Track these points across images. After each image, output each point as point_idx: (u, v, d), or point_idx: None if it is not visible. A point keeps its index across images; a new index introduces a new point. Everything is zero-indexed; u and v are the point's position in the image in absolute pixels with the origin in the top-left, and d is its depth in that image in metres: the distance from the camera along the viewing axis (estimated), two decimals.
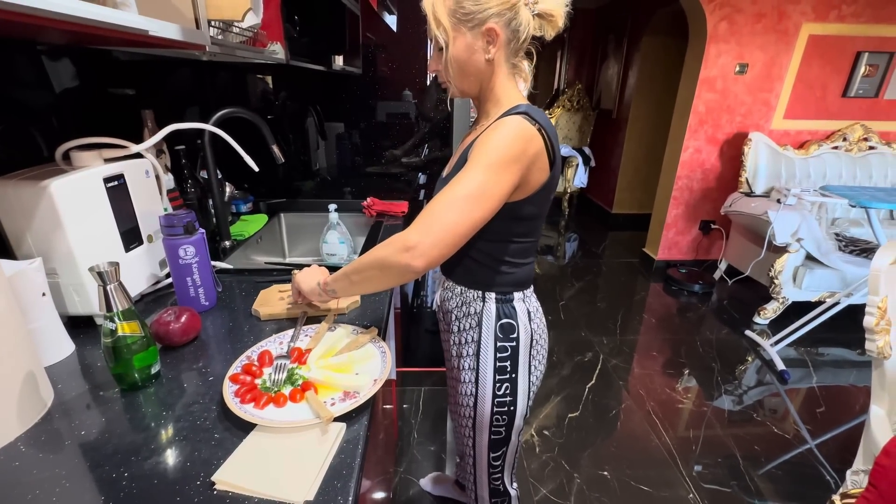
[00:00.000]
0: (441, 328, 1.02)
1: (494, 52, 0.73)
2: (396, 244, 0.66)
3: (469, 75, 0.75)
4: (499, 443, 0.93)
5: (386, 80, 2.63)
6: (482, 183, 0.67)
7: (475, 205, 0.67)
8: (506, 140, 0.68)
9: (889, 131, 2.96)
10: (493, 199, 0.68)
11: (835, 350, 2.38)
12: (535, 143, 0.70)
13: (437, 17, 0.72)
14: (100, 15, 0.56)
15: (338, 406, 0.60)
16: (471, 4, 0.70)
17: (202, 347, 0.76)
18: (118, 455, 0.53)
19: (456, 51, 0.73)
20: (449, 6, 0.71)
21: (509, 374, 0.86)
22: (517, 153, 0.69)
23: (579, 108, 4.75)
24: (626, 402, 1.96)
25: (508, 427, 0.91)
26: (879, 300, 0.99)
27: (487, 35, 0.71)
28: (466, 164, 0.70)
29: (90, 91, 0.99)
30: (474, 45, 0.72)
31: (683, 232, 3.24)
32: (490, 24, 0.70)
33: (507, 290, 0.84)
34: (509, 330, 0.84)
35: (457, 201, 0.66)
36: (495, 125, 0.71)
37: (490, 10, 0.69)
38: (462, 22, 0.71)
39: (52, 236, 0.71)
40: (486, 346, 0.85)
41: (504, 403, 0.88)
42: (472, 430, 0.93)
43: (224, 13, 0.92)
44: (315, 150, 2.22)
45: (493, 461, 0.96)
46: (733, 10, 2.62)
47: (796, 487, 1.56)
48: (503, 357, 0.85)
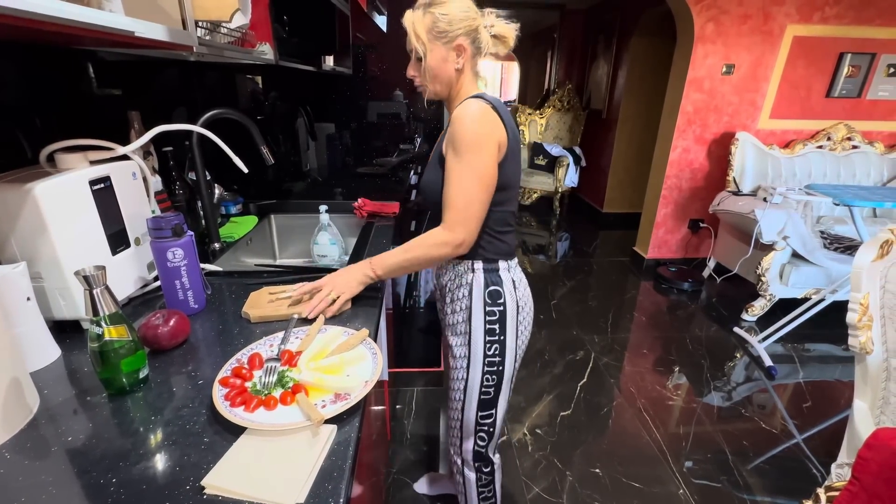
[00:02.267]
0: (438, 305, 1.11)
1: (462, 63, 0.89)
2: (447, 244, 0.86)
3: (441, 81, 0.91)
4: (487, 403, 1.02)
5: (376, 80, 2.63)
6: (475, 168, 0.83)
7: (486, 184, 0.85)
8: (470, 122, 0.83)
9: (871, 130, 3.02)
10: (491, 173, 0.85)
11: (821, 346, 2.42)
12: (489, 115, 0.84)
13: (416, 32, 0.87)
14: (84, 16, 0.55)
15: (329, 408, 0.60)
16: (444, 25, 0.86)
17: (191, 351, 0.75)
18: (106, 460, 0.52)
19: (432, 61, 0.88)
20: (426, 25, 0.86)
21: (498, 336, 0.96)
22: (484, 129, 0.83)
23: (569, 108, 4.78)
24: (618, 400, 1.98)
25: (497, 388, 1.01)
26: (862, 297, 1.01)
27: (457, 49, 0.88)
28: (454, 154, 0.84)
29: (76, 92, 0.98)
30: (447, 56, 0.88)
31: (673, 231, 3.27)
32: (459, 41, 0.87)
33: (492, 259, 0.95)
34: (496, 296, 0.95)
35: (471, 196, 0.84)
36: (457, 112, 0.85)
37: (459, 30, 0.86)
38: (437, 38, 0.87)
39: (37, 240, 0.70)
40: (476, 312, 0.95)
41: (493, 363, 0.98)
42: (462, 393, 1.02)
43: (211, 14, 0.92)
44: (305, 151, 2.20)
45: (481, 420, 1.04)
46: (720, 11, 2.66)
47: (784, 481, 1.59)
48: (492, 321, 0.95)
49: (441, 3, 0.86)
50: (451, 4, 0.86)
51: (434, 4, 0.86)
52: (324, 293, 0.86)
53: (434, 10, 0.85)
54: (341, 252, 1.43)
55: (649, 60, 3.81)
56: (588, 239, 4.06)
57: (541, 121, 4.85)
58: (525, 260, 3.56)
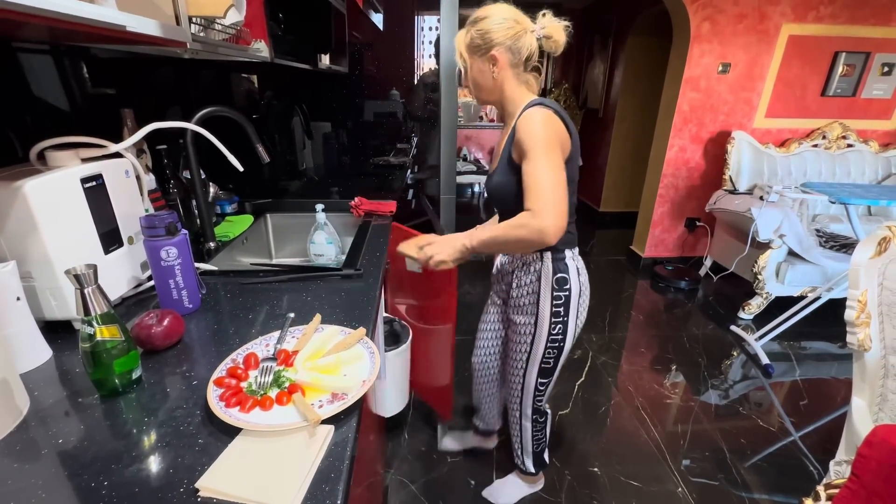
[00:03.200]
0: (497, 288, 1.31)
1: (498, 71, 0.99)
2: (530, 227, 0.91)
3: (484, 89, 1.03)
4: (546, 371, 1.20)
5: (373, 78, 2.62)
6: (552, 162, 0.91)
7: (563, 176, 0.93)
8: (540, 126, 0.92)
9: (866, 129, 3.03)
10: (563, 169, 0.93)
11: (817, 343, 2.43)
12: (554, 120, 0.95)
13: (459, 49, 1.00)
14: (75, 10, 0.54)
15: (325, 408, 0.59)
16: (478, 39, 0.97)
17: (186, 351, 0.74)
18: (98, 463, 0.51)
19: (472, 72, 1.02)
20: (466, 41, 0.99)
21: (562, 318, 1.11)
22: (552, 132, 0.93)
23: (566, 107, 4.78)
24: (616, 399, 1.98)
25: (556, 360, 1.18)
26: (860, 294, 1.01)
27: (491, 59, 0.98)
28: (529, 154, 0.92)
29: (68, 89, 0.96)
30: (483, 67, 1.00)
31: (669, 229, 3.28)
32: (493, 52, 0.97)
33: (559, 249, 1.08)
34: (563, 282, 1.08)
35: (555, 184, 0.91)
36: (523, 120, 0.95)
37: (493, 42, 0.96)
38: (474, 52, 0.99)
39: (27, 239, 0.69)
40: (544, 296, 1.09)
41: (556, 341, 1.14)
42: (525, 363, 1.20)
43: (205, 10, 0.90)
44: (301, 150, 2.19)
45: (540, 386, 1.23)
46: (716, 10, 2.66)
47: (781, 479, 1.59)
48: (558, 304, 1.09)
49: (482, 18, 0.96)
50: (489, 19, 0.96)
51: (476, 21, 0.97)
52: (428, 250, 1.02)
53: (472, 29, 0.98)
54: (338, 251, 1.42)
55: (645, 60, 3.82)
56: (585, 238, 4.06)
57: None
58: None
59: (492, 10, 0.97)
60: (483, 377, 1.47)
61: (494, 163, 1.09)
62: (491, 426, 1.58)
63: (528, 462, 1.42)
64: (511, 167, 1.00)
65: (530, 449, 1.38)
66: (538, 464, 1.43)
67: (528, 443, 1.37)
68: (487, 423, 1.57)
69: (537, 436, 1.36)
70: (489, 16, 0.96)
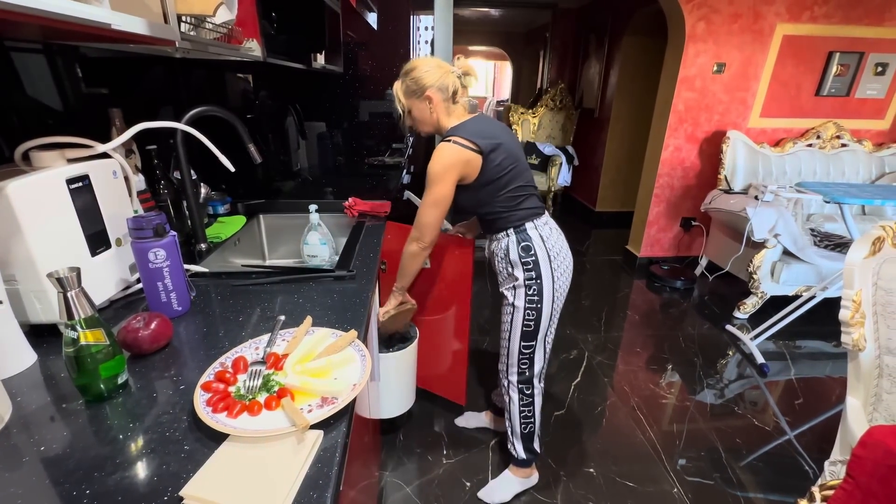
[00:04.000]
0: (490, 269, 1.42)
1: (433, 107, 1.19)
2: (410, 254, 1.27)
3: (426, 123, 1.23)
4: (528, 335, 1.31)
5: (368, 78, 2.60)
6: (432, 196, 1.18)
7: (440, 207, 1.19)
8: (435, 162, 1.15)
9: (860, 129, 3.04)
10: (446, 199, 1.18)
11: (812, 343, 2.44)
12: (454, 155, 1.14)
13: (398, 97, 1.22)
14: (57, 7, 0.53)
15: (315, 413, 0.58)
16: (413, 86, 1.17)
17: (174, 355, 0.73)
18: (80, 471, 0.50)
19: (414, 112, 1.22)
20: (402, 89, 1.20)
21: (535, 280, 1.24)
22: (445, 168, 1.15)
23: (562, 107, 4.78)
24: (611, 399, 1.97)
25: (535, 322, 1.28)
26: (854, 294, 1.01)
27: (427, 99, 1.18)
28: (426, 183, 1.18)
29: (56, 88, 0.95)
30: (421, 106, 1.20)
31: (665, 229, 3.28)
32: (428, 93, 1.17)
33: (518, 224, 1.24)
34: (528, 250, 1.23)
35: (425, 215, 1.21)
36: (433, 154, 1.16)
37: (426, 85, 1.16)
38: (412, 95, 1.19)
39: (10, 241, 0.67)
40: (515, 265, 1.25)
41: (533, 302, 1.26)
42: (509, 329, 1.33)
43: (194, 8, 0.89)
44: (295, 150, 2.18)
45: (524, 350, 1.33)
46: (711, 10, 2.67)
47: (776, 478, 1.59)
48: (528, 269, 1.24)
49: (412, 69, 1.17)
50: (418, 69, 1.16)
51: (407, 73, 1.18)
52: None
53: (406, 78, 1.18)
54: (332, 252, 1.40)
55: (641, 59, 3.82)
56: (581, 238, 4.06)
57: (533, 120, 4.84)
58: None
59: (417, 62, 1.18)
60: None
61: None
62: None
63: (518, 447, 1.45)
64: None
65: (518, 429, 1.43)
66: (528, 450, 1.46)
67: (516, 419, 1.43)
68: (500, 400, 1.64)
69: (524, 412, 1.41)
70: (417, 66, 1.17)
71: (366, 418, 1.17)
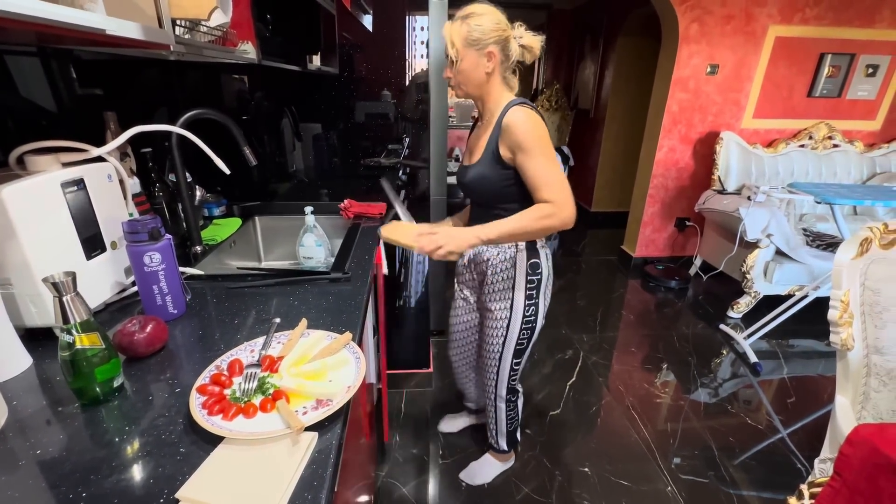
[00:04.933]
0: (466, 278, 1.35)
1: (492, 67, 1.04)
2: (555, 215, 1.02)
3: (472, 83, 1.06)
4: (520, 352, 1.28)
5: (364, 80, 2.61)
6: (553, 159, 1.02)
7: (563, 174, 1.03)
8: (537, 126, 1.01)
9: (851, 130, 3.08)
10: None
11: (804, 341, 2.46)
12: (540, 120, 1.02)
13: (452, 40, 1.02)
14: (51, 13, 0.53)
15: (310, 415, 0.59)
16: (478, 34, 1.00)
17: (169, 358, 0.73)
18: (76, 474, 0.51)
19: (465, 65, 1.03)
20: (462, 34, 1.01)
21: (535, 300, 1.20)
22: (545, 131, 1.01)
23: (557, 107, 4.79)
24: (606, 399, 1.99)
25: (529, 339, 1.26)
26: (842, 294, 1.03)
27: (488, 55, 1.02)
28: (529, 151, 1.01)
29: (50, 92, 0.95)
30: (478, 62, 1.03)
31: (660, 229, 3.30)
32: (490, 48, 1.02)
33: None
34: (536, 267, 1.17)
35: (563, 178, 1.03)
36: (515, 118, 1.01)
37: (491, 39, 1.01)
38: (471, 45, 1.01)
39: (5, 245, 0.67)
40: (519, 281, 1.17)
41: (529, 321, 1.22)
42: (501, 347, 1.27)
43: (189, 12, 0.90)
44: (291, 152, 2.18)
45: (514, 366, 1.31)
46: (704, 12, 2.69)
47: (769, 476, 1.61)
48: (531, 288, 1.18)
49: (477, 14, 1.01)
50: (485, 17, 1.01)
51: (471, 16, 1.01)
52: (436, 239, 1.02)
53: (470, 21, 1.00)
54: (327, 254, 1.41)
55: (635, 60, 3.84)
56: (577, 238, 4.08)
57: None
58: None
59: (486, 9, 1.02)
60: (463, 368, 1.56)
61: (474, 156, 1.14)
62: (481, 404, 1.67)
63: (501, 441, 1.50)
64: (497, 161, 1.06)
65: (504, 429, 1.47)
66: (511, 442, 1.51)
67: (502, 423, 1.45)
68: (478, 402, 1.68)
69: (510, 415, 1.45)
70: (485, 14, 1.01)
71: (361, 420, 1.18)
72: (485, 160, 1.09)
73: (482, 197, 1.15)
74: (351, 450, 0.91)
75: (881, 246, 1.03)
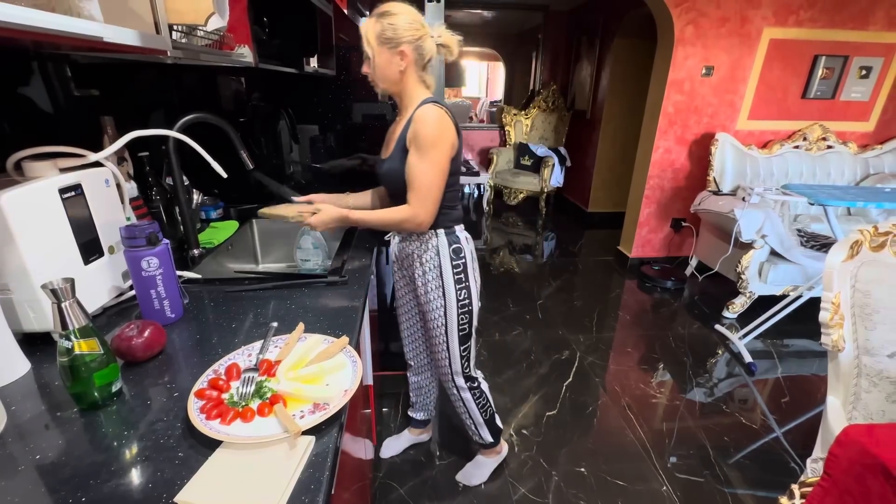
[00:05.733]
0: (400, 275, 1.36)
1: (405, 66, 1.06)
2: (410, 221, 1.10)
3: (387, 80, 1.08)
4: (465, 337, 1.30)
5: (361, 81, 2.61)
6: (436, 161, 1.05)
7: (443, 175, 1.08)
8: (435, 125, 1.04)
9: (845, 131, 3.10)
10: (446, 166, 1.08)
11: (798, 341, 2.48)
12: (446, 120, 1.06)
13: (367, 37, 1.04)
14: (50, 23, 0.54)
15: (307, 419, 0.60)
16: (390, 33, 1.02)
17: (167, 362, 0.74)
18: (76, 479, 0.51)
19: (379, 62, 1.05)
20: (376, 32, 1.02)
21: (465, 283, 1.23)
22: (443, 131, 1.05)
23: (554, 108, 4.81)
24: (603, 399, 2.00)
25: (469, 323, 1.29)
26: (833, 296, 1.04)
27: (400, 54, 1.04)
28: (417, 150, 1.05)
29: (48, 96, 0.95)
30: (391, 59, 1.05)
31: (656, 230, 3.32)
32: (402, 47, 1.03)
33: (449, 226, 1.20)
34: (459, 252, 1.21)
35: (432, 183, 1.07)
36: (421, 115, 1.04)
37: (404, 38, 1.02)
38: (384, 43, 1.03)
39: (3, 251, 0.68)
40: (446, 267, 1.20)
41: (465, 305, 1.25)
42: (445, 336, 1.28)
43: (186, 17, 0.90)
44: (288, 154, 2.18)
45: (463, 352, 1.33)
46: (699, 14, 2.70)
47: (764, 475, 1.62)
48: (458, 271, 1.21)
49: (392, 13, 1.02)
50: (399, 17, 1.02)
51: (385, 15, 1.02)
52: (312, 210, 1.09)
53: (384, 20, 1.02)
54: (324, 256, 1.42)
55: (631, 62, 3.86)
56: (573, 238, 4.10)
57: (526, 121, 4.87)
58: (512, 260, 3.58)
59: (400, 7, 1.04)
60: (418, 366, 1.56)
61: (388, 150, 1.19)
62: (429, 413, 1.68)
63: (484, 433, 1.48)
64: (405, 155, 1.10)
65: (481, 418, 1.45)
66: (493, 431, 1.50)
67: (476, 413, 1.44)
68: (427, 410, 1.66)
69: (480, 401, 1.43)
70: (399, 13, 1.03)
71: (358, 423, 1.18)
72: (395, 154, 1.12)
73: (395, 189, 1.18)
74: (347, 452, 0.92)
75: (871, 248, 1.04)
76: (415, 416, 1.67)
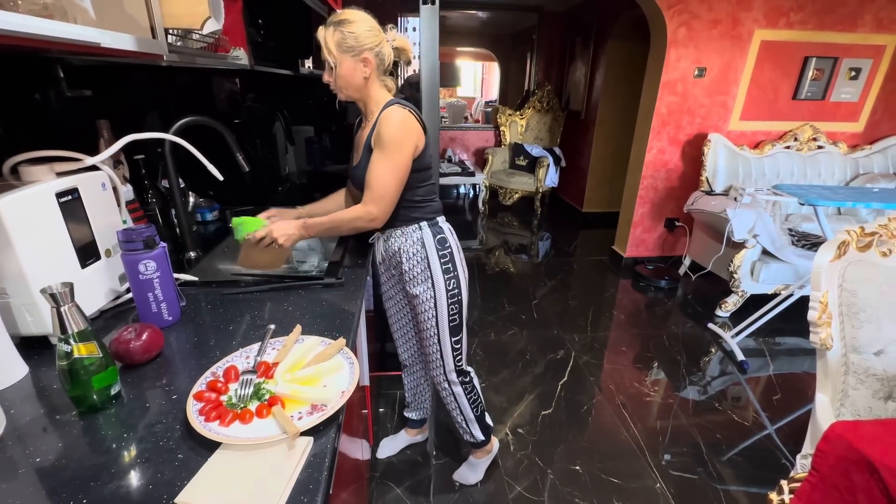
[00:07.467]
0: (388, 276, 1.36)
1: (369, 72, 1.06)
2: (363, 218, 1.09)
3: (351, 87, 1.08)
4: (456, 329, 1.29)
5: None
6: (396, 163, 1.06)
7: (400, 175, 1.08)
8: (397, 126, 1.05)
9: (835, 131, 3.14)
10: (406, 166, 1.09)
11: (790, 339, 2.51)
12: (410, 120, 1.07)
13: (327, 47, 1.02)
14: (48, 30, 0.54)
15: (305, 420, 0.60)
16: (352, 41, 1.01)
17: (165, 364, 0.74)
18: (76, 481, 0.52)
19: (342, 70, 1.04)
20: (336, 40, 1.01)
21: (453, 272, 1.23)
22: (406, 132, 1.06)
23: (549, 109, 4.84)
24: (598, 398, 2.02)
25: (459, 314, 1.28)
26: (821, 295, 1.06)
27: (364, 62, 1.04)
28: (380, 150, 1.06)
29: (43, 99, 0.95)
30: (355, 67, 1.05)
31: (650, 229, 3.35)
32: (365, 54, 1.03)
33: (431, 217, 1.21)
34: (444, 242, 1.21)
35: (389, 183, 1.07)
36: (383, 118, 1.05)
37: (365, 45, 1.03)
38: (346, 52, 1.02)
39: (1, 256, 0.68)
40: (433, 258, 1.20)
41: (454, 296, 1.25)
42: (436, 329, 1.28)
43: (182, 21, 0.90)
44: (283, 155, 2.18)
45: (455, 345, 1.32)
46: (691, 16, 2.73)
47: (756, 471, 1.65)
48: (445, 261, 1.21)
49: (350, 21, 1.01)
50: (357, 24, 1.02)
51: (343, 23, 1.01)
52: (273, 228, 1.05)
53: (343, 29, 1.01)
54: (321, 258, 1.42)
55: (625, 63, 3.89)
56: (568, 238, 4.12)
57: (521, 122, 4.89)
58: (507, 259, 3.59)
59: (357, 15, 1.03)
60: (413, 366, 1.58)
61: (357, 156, 1.20)
62: (425, 413, 1.69)
63: (475, 431, 1.48)
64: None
65: (472, 415, 1.45)
66: (484, 428, 1.50)
67: (467, 409, 1.44)
68: (422, 410, 1.67)
69: (471, 397, 1.43)
70: (357, 20, 1.02)
71: (355, 424, 1.19)
72: (364, 159, 1.12)
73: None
74: (345, 453, 0.93)
75: (858, 248, 1.07)
76: (411, 416, 1.68)
